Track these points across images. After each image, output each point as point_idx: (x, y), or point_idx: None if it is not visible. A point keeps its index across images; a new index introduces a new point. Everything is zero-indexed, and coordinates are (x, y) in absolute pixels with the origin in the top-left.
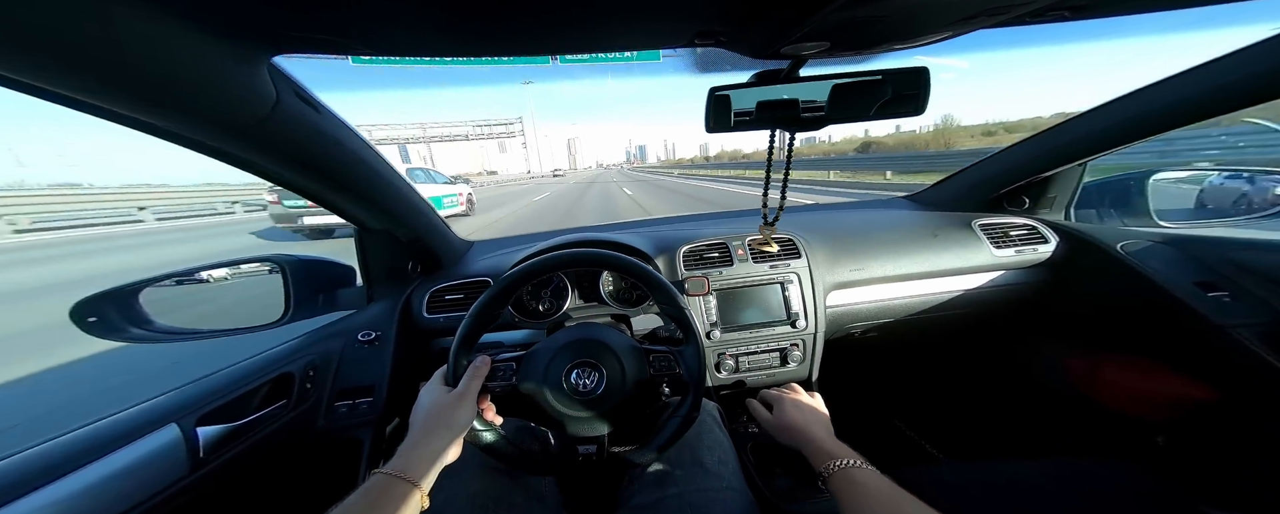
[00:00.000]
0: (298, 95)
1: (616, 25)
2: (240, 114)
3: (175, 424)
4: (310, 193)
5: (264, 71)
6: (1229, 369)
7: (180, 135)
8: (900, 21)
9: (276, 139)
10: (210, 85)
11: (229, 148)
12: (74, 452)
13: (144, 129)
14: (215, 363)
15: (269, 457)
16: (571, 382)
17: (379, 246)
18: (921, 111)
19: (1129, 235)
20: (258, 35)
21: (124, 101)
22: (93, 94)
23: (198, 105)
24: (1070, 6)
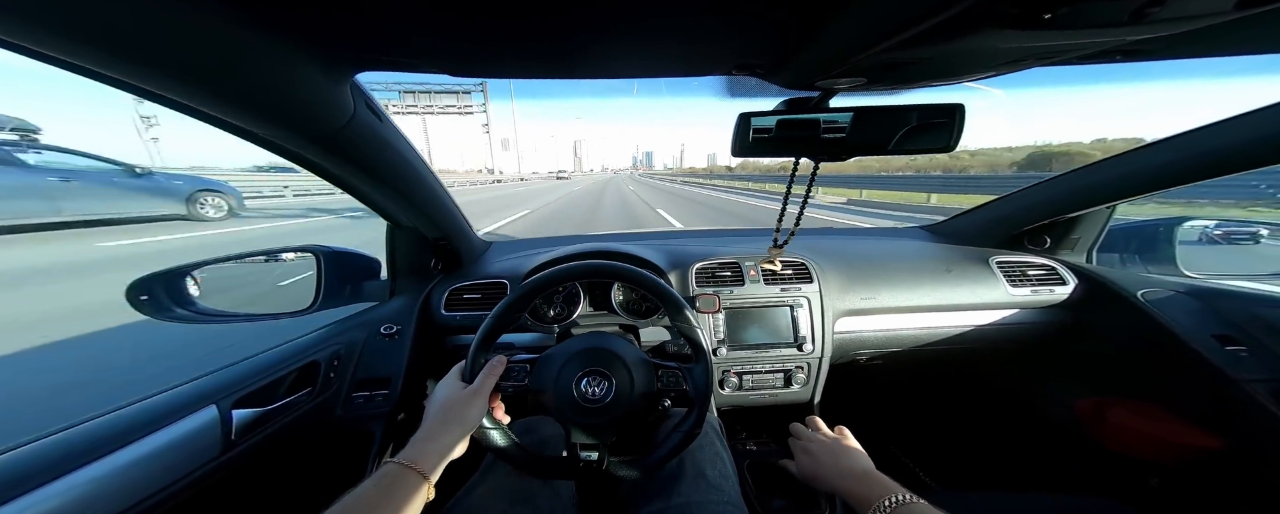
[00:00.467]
0: (369, 107)
1: (663, 53)
2: (321, 123)
3: (215, 405)
4: (361, 193)
5: (347, 86)
6: (1237, 421)
7: (265, 139)
8: (944, 62)
9: (348, 147)
10: (298, 96)
11: (307, 152)
12: (121, 429)
13: (233, 132)
14: (244, 345)
15: (290, 442)
16: (581, 388)
17: (407, 243)
18: (952, 148)
19: (1151, 283)
20: (347, 54)
21: (223, 107)
22: (196, 99)
23: (285, 113)
24: (1123, 50)
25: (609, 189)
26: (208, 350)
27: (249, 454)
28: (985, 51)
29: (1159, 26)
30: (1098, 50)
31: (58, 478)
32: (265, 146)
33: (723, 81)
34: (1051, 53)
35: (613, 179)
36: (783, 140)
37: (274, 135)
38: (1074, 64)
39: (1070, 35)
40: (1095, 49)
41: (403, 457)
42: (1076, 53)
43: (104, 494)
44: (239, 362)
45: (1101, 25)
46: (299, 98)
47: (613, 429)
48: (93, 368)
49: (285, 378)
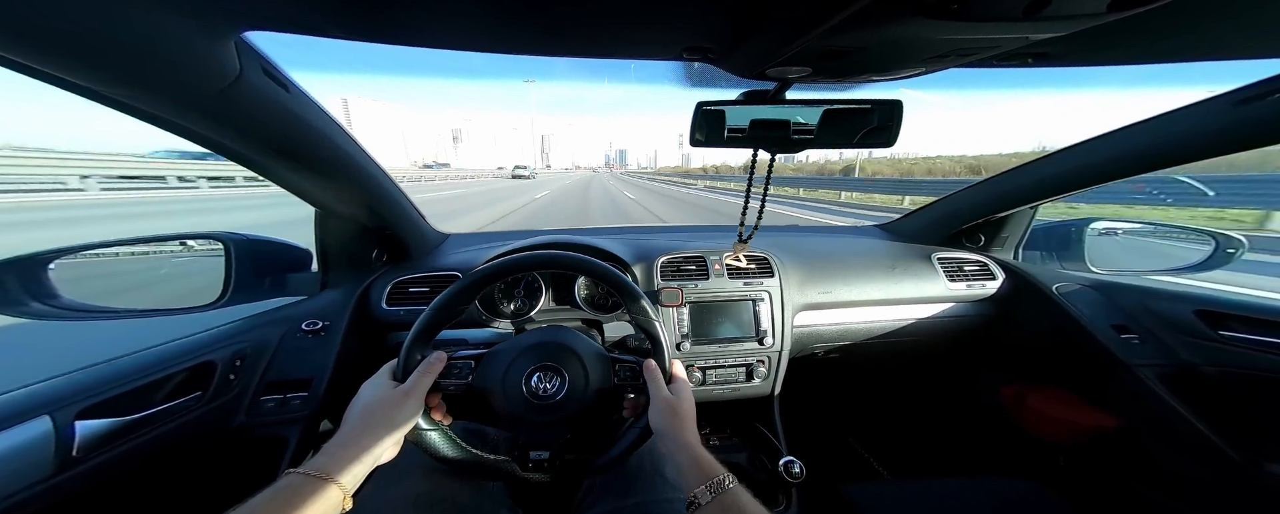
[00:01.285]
0: (265, 72)
1: (609, 33)
2: (196, 85)
3: (48, 416)
4: (272, 173)
5: (230, 45)
6: (1130, 403)
7: (132, 106)
8: (877, 55)
9: (233, 113)
10: (168, 54)
11: (182, 120)
12: None
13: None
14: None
15: (167, 455)
16: (531, 385)
17: (341, 231)
18: (892, 143)
19: (1065, 278)
20: (227, 8)
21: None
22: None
23: (150, 73)
24: (1032, 54)
25: (594, 193)
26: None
27: (103, 471)
28: (911, 44)
29: (1049, 26)
30: (1007, 50)
31: None
32: (134, 114)
33: (684, 71)
34: (967, 49)
35: (593, 178)
36: (737, 132)
37: (142, 101)
38: (992, 66)
39: (977, 29)
40: (1004, 48)
41: (310, 465)
42: (989, 52)
43: None
44: (96, 365)
45: (1000, 20)
46: (165, 56)
47: (565, 427)
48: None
49: (167, 380)
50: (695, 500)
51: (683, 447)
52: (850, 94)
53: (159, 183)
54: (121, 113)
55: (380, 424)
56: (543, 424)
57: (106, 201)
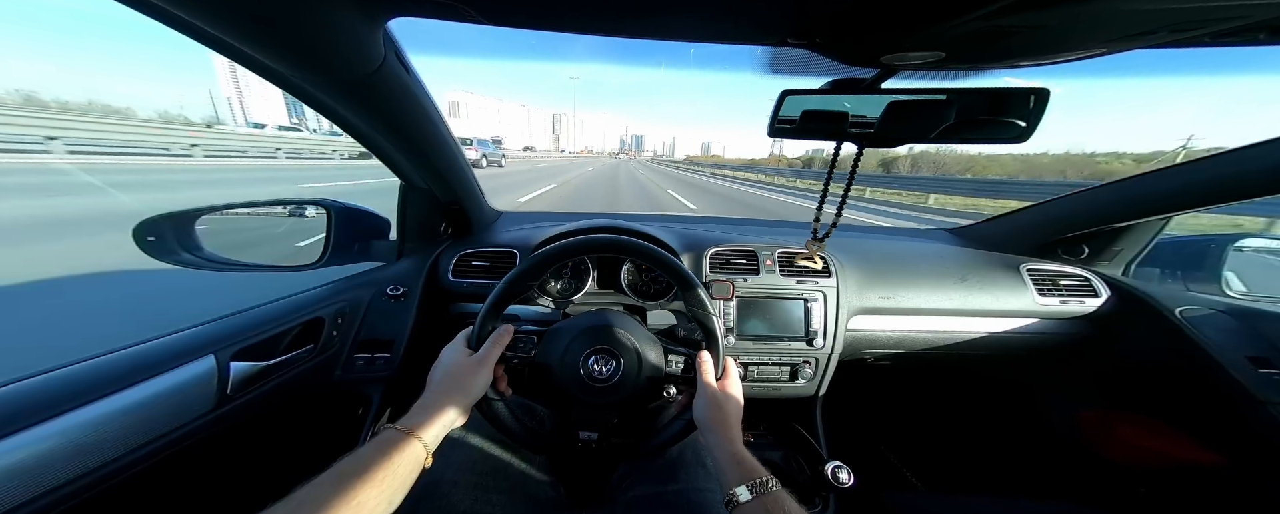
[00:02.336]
0: (398, 57)
1: (713, 15)
2: (349, 68)
3: (212, 356)
4: (380, 148)
5: (379, 31)
6: (1251, 441)
7: (288, 80)
8: (1052, 33)
9: (374, 97)
10: (328, 36)
11: (328, 98)
12: (117, 372)
13: (260, 71)
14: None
15: (286, 400)
16: (588, 366)
17: (419, 204)
18: (1026, 138)
19: (1190, 301)
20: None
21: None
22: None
23: (313, 53)
24: (1270, 28)
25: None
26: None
27: (244, 409)
28: (1110, 18)
29: None
30: (1248, 23)
31: (50, 418)
32: (290, 89)
33: (766, 54)
34: (1193, 23)
35: (619, 167)
36: (825, 122)
37: (300, 77)
38: (1204, 45)
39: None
40: (1253, 18)
41: (404, 423)
42: (1224, 24)
43: (95, 439)
44: (241, 312)
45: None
46: (329, 38)
47: (616, 410)
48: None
49: (288, 332)
50: (733, 499)
51: (724, 443)
52: (971, 83)
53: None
54: (284, 90)
55: (458, 390)
56: (594, 405)
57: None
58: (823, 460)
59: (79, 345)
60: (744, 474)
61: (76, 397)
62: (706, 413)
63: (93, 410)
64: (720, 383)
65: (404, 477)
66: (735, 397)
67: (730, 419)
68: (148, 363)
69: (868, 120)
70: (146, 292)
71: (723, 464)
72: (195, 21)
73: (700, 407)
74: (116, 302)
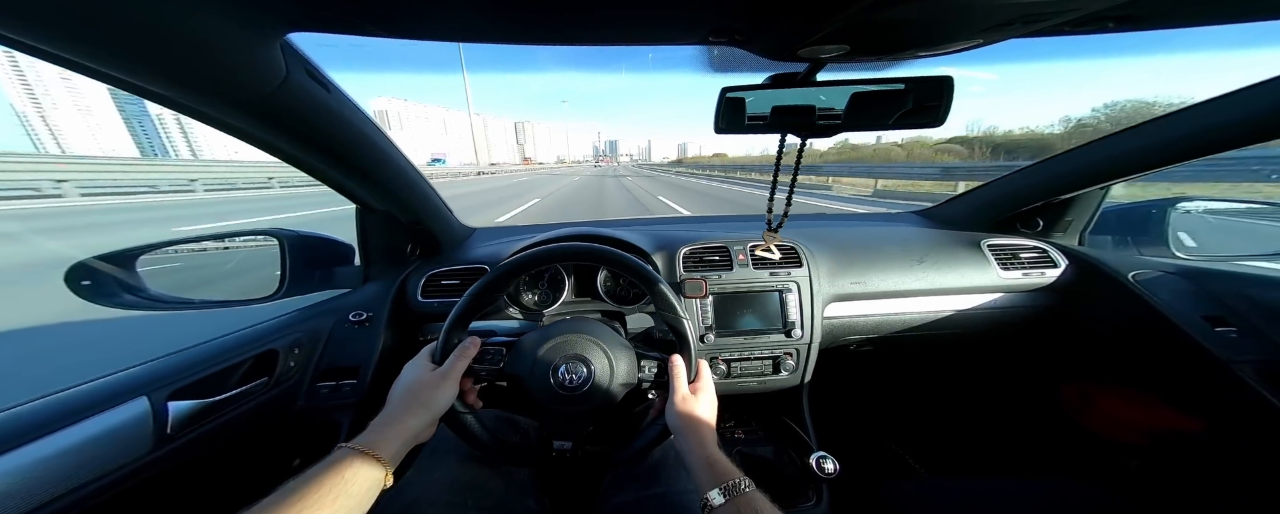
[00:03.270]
0: (308, 73)
1: (629, 17)
2: (246, 87)
3: (145, 397)
4: (318, 171)
5: (276, 47)
6: (1222, 403)
7: (186, 105)
8: (927, 27)
9: (282, 114)
10: (218, 56)
11: (233, 120)
12: (41, 419)
13: (150, 98)
14: (203, 335)
15: (241, 435)
16: (559, 375)
17: (380, 227)
18: (940, 123)
19: (1142, 264)
20: (273, 10)
21: (125, 66)
22: (91, 58)
23: (203, 75)
24: (1114, 17)
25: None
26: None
27: (190, 448)
28: (970, 12)
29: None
30: (1088, 14)
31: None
32: (192, 115)
33: (705, 54)
34: (1040, 14)
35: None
36: (764, 117)
37: (196, 101)
38: (1062, 33)
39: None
40: (1086, 10)
41: (357, 441)
42: (1065, 17)
43: (24, 484)
44: (180, 351)
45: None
46: (216, 58)
47: (588, 419)
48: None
49: (237, 367)
50: (707, 503)
51: (696, 446)
52: (889, 73)
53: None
54: (184, 114)
55: (420, 404)
56: (567, 415)
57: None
58: (811, 452)
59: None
60: (717, 476)
61: (5, 440)
62: (679, 418)
63: (21, 455)
64: (692, 385)
65: (359, 496)
66: (707, 399)
67: (702, 423)
68: (77, 407)
69: (803, 112)
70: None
71: (695, 468)
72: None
73: (672, 411)
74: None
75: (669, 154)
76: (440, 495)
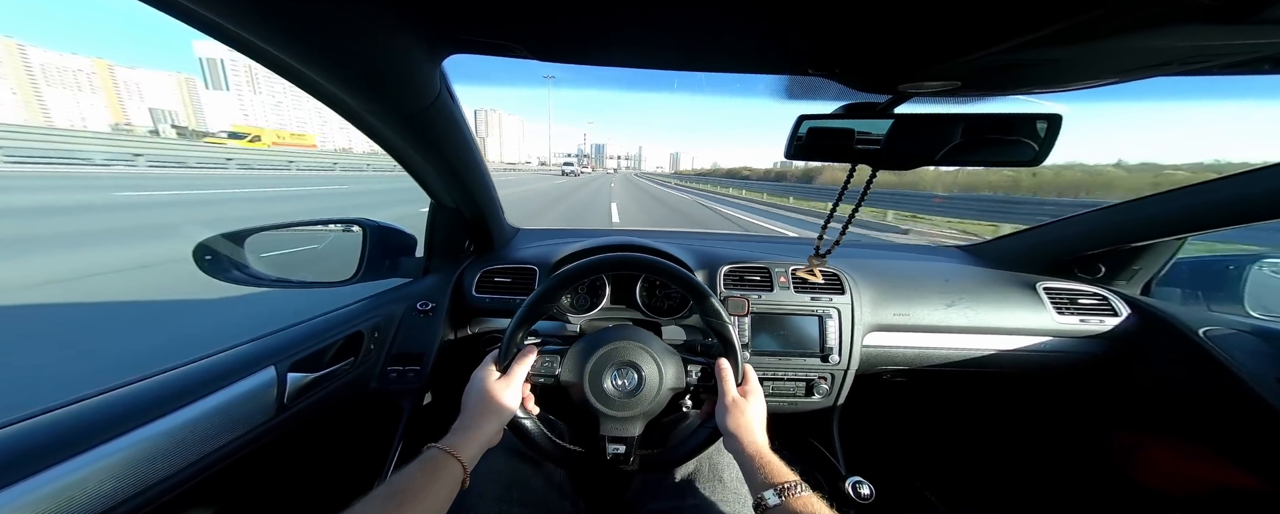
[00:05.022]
0: (449, 92)
1: (739, 47)
2: (409, 102)
3: (273, 367)
4: (418, 170)
5: (439, 68)
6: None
7: (353, 110)
8: (1065, 66)
9: (427, 128)
10: (395, 72)
11: (383, 126)
12: (182, 386)
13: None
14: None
15: (330, 410)
16: (612, 381)
17: (447, 222)
18: (1041, 161)
19: (1213, 321)
20: (447, 34)
21: (327, 74)
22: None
23: (380, 87)
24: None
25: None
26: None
27: (298, 418)
28: (1121, 54)
29: None
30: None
31: (118, 435)
32: (353, 120)
33: (782, 82)
34: (1200, 57)
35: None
36: (843, 145)
37: (365, 108)
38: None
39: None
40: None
41: (446, 443)
42: (1228, 59)
43: (161, 452)
44: (293, 326)
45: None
46: (395, 74)
47: (640, 422)
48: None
49: (333, 345)
50: (762, 502)
51: (749, 447)
52: (985, 107)
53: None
54: (348, 119)
55: (492, 412)
56: (618, 419)
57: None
58: (841, 476)
59: None
60: (771, 477)
61: (158, 406)
62: (730, 420)
63: (178, 417)
64: (741, 389)
65: (445, 496)
66: (757, 402)
67: (754, 423)
68: (215, 374)
69: (881, 142)
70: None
71: (749, 468)
72: (272, 50)
73: (722, 415)
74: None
75: (662, 164)
76: (491, 489)
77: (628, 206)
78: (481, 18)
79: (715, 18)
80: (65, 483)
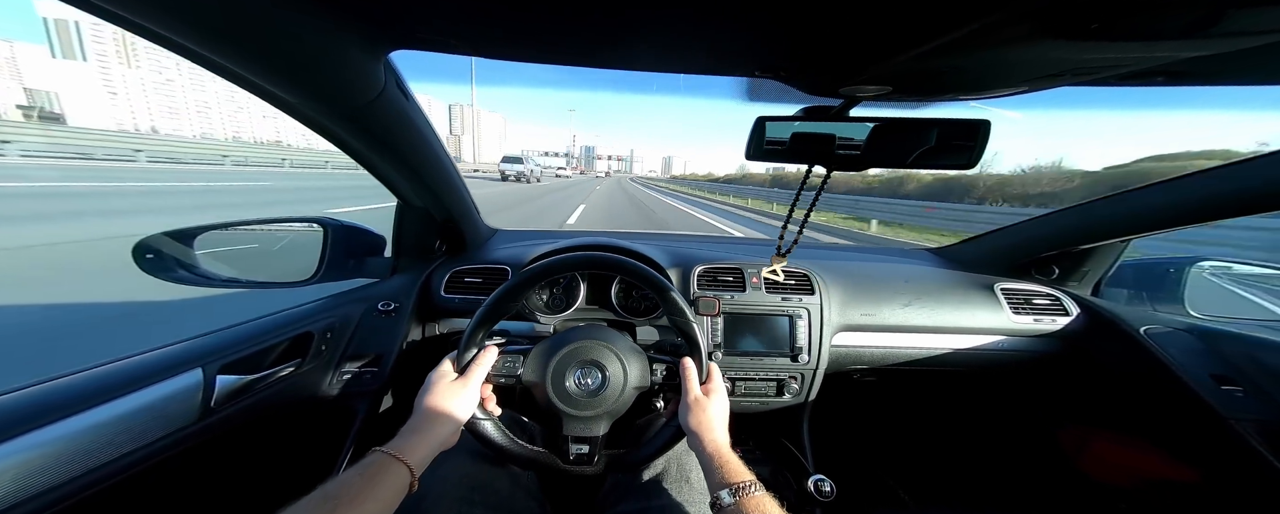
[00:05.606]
0: (398, 86)
1: (688, 49)
2: (350, 97)
3: (200, 369)
4: (379, 170)
5: (381, 63)
6: (1219, 457)
7: (293, 107)
8: (977, 73)
9: (373, 124)
10: (332, 68)
11: (329, 123)
12: (102, 385)
13: (266, 97)
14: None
15: (269, 413)
16: (574, 380)
17: (415, 222)
18: (973, 165)
19: (1155, 320)
20: (385, 31)
21: (260, 71)
22: (235, 62)
23: (317, 83)
24: (1166, 72)
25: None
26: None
27: (226, 423)
28: (1021, 64)
29: (1211, 44)
30: (1140, 69)
31: (45, 425)
32: (294, 115)
33: (743, 84)
34: (1091, 69)
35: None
36: (799, 147)
37: (304, 104)
38: (1110, 84)
39: (1117, 49)
40: (1139, 66)
41: (391, 447)
42: (1117, 70)
43: (73, 452)
44: (230, 327)
45: (1149, 39)
46: (332, 69)
47: (604, 422)
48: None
49: (275, 347)
50: (717, 501)
51: (708, 446)
52: (924, 112)
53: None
54: (287, 114)
55: (445, 413)
56: (582, 419)
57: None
58: (809, 474)
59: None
60: (728, 476)
61: (72, 405)
62: (692, 419)
63: (86, 419)
64: (704, 387)
65: (388, 500)
66: (719, 400)
67: (715, 422)
68: (139, 374)
69: (835, 145)
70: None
71: (708, 466)
72: (202, 51)
73: (685, 414)
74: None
75: (654, 168)
76: (451, 491)
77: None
78: (415, 15)
79: (656, 15)
80: None
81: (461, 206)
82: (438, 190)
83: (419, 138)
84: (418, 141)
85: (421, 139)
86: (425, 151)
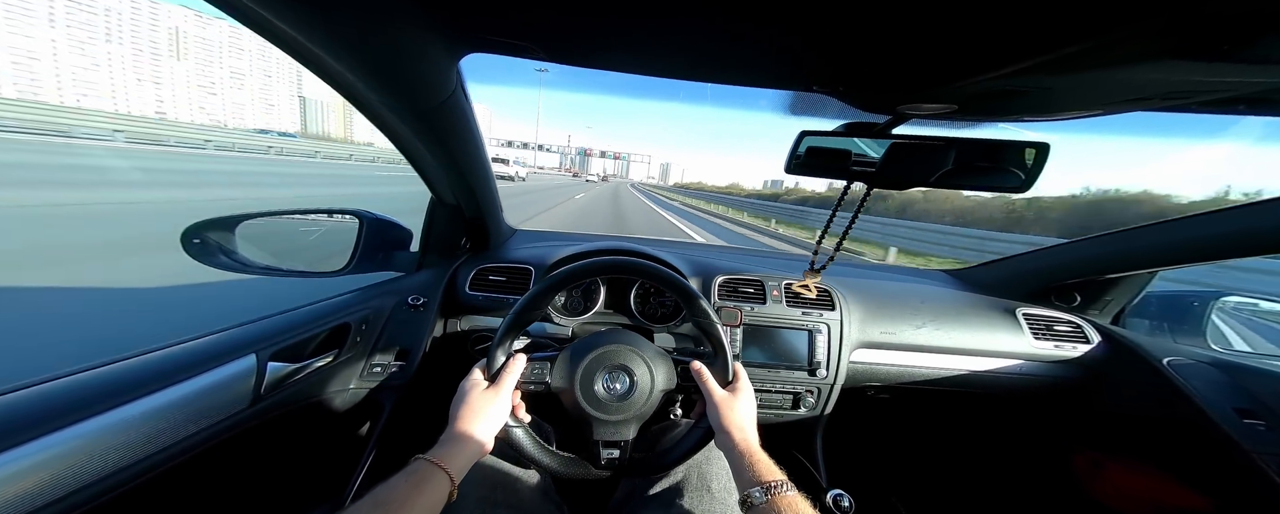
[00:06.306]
0: (462, 89)
1: (747, 64)
2: (423, 97)
3: (254, 355)
4: (425, 166)
5: (456, 66)
6: (1238, 489)
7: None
8: (1058, 94)
9: (437, 124)
10: (413, 67)
11: (396, 120)
12: (160, 370)
13: (341, 89)
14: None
15: (307, 403)
16: (604, 385)
17: (445, 218)
18: (1027, 188)
19: (1177, 351)
20: (467, 33)
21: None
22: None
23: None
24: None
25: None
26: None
27: (272, 410)
28: (1114, 86)
29: None
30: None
31: (85, 418)
32: (367, 112)
33: (786, 97)
34: (1187, 93)
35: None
36: (840, 162)
37: (379, 99)
38: (1192, 111)
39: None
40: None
41: (434, 454)
42: (1217, 95)
43: (130, 438)
44: (278, 314)
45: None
46: (414, 69)
47: (634, 425)
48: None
49: (317, 336)
50: (749, 499)
51: (740, 444)
52: (976, 132)
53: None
54: (361, 111)
55: (481, 422)
56: (612, 423)
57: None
58: (822, 488)
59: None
60: (760, 474)
61: (132, 390)
62: (720, 418)
63: (145, 404)
64: (730, 386)
65: (431, 508)
66: (747, 399)
67: (744, 420)
68: (194, 360)
69: (877, 162)
70: None
71: (738, 465)
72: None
73: (713, 411)
74: None
75: (653, 175)
76: (473, 491)
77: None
78: (503, 17)
79: (729, 29)
80: (20, 467)
81: (490, 205)
82: (475, 189)
83: (472, 139)
84: (470, 143)
85: (474, 141)
86: (474, 153)
